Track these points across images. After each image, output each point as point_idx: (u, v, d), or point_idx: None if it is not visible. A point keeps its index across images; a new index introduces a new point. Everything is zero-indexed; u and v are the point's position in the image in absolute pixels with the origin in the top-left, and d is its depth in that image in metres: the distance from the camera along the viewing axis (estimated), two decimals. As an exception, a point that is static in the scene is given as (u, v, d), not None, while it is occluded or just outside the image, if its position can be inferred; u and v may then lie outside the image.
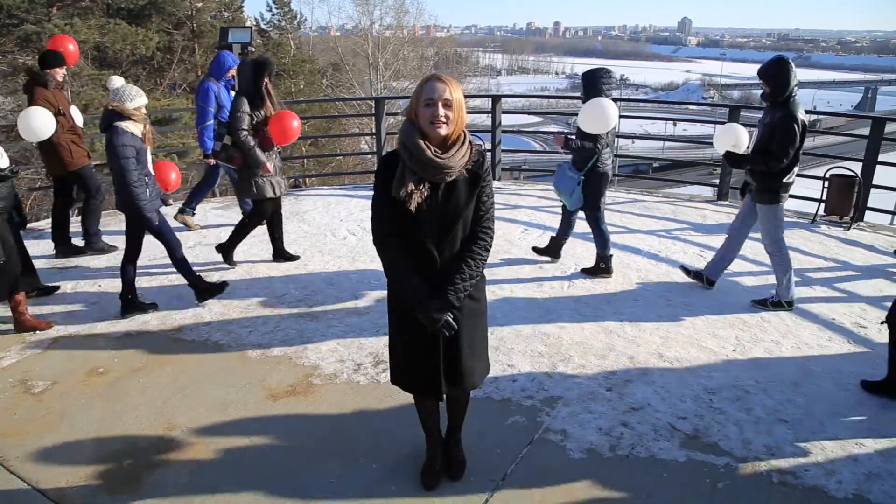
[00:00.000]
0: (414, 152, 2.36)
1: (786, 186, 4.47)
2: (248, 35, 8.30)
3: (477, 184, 2.45)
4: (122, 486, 2.91)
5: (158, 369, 3.89)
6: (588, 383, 3.70)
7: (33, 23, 15.42)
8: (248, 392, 3.64)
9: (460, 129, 2.41)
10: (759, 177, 4.49)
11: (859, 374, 3.82)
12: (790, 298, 4.64)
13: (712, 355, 4.03)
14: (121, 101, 4.35)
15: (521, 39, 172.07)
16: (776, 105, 4.34)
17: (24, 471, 3.00)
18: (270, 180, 5.20)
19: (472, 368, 2.65)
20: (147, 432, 3.28)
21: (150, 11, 18.63)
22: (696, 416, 3.39)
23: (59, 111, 5.51)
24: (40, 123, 5.25)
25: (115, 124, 4.31)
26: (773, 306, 4.66)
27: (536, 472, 2.98)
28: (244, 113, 5.05)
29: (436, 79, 2.36)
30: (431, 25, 54.82)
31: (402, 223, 2.44)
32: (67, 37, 6.47)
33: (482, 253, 2.50)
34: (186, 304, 4.77)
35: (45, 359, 4.02)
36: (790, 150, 4.30)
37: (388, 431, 3.27)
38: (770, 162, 4.35)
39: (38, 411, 3.47)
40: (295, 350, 4.09)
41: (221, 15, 21.91)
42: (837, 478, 2.94)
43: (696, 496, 2.83)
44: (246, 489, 2.88)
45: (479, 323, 2.67)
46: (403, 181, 2.38)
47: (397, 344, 2.71)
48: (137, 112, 4.37)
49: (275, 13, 29.54)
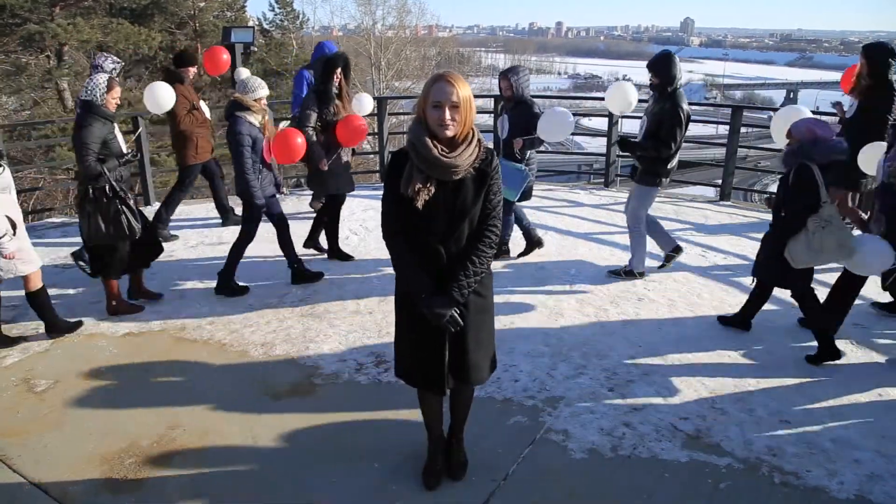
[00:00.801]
0: (422, 151, 2.36)
1: (668, 172, 4.88)
2: (250, 35, 8.32)
3: (485, 182, 2.45)
4: (124, 484, 2.91)
5: (160, 368, 3.90)
6: (590, 383, 3.70)
7: (36, 22, 15.44)
8: (250, 391, 3.64)
9: (469, 128, 2.41)
10: (647, 161, 4.85)
11: (862, 374, 3.82)
12: (642, 270, 5.19)
13: (714, 356, 4.03)
14: (243, 92, 4.65)
15: (523, 39, 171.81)
16: (664, 96, 4.67)
17: (27, 469, 3.01)
18: (331, 179, 5.28)
19: (479, 363, 2.66)
20: (149, 431, 3.28)
21: (153, 11, 18.64)
22: (697, 417, 3.39)
23: (193, 106, 6.02)
24: (163, 96, 5.76)
25: (235, 113, 4.58)
26: (626, 275, 5.18)
27: (538, 472, 2.98)
28: (310, 111, 5.15)
29: (444, 80, 2.35)
30: (434, 25, 54.81)
31: (410, 220, 2.45)
32: (223, 48, 7.06)
33: (487, 250, 2.51)
34: (188, 303, 4.78)
35: (48, 358, 4.03)
36: (678, 137, 4.69)
37: (389, 431, 3.27)
38: (661, 148, 4.70)
39: (40, 410, 3.48)
40: (297, 350, 4.09)
41: (224, 15, 21.91)
42: (839, 479, 2.93)
43: (697, 496, 2.83)
44: (247, 488, 2.89)
45: (486, 318, 2.68)
46: (411, 179, 2.39)
47: (403, 338, 2.71)
48: (257, 104, 4.63)
49: (277, 13, 29.54)
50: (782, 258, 3.83)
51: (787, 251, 3.81)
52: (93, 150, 4.25)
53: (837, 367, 3.90)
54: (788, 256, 3.82)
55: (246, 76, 5.09)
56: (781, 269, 3.87)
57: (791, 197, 3.80)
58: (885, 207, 3.88)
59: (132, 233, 4.37)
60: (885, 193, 3.89)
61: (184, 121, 6.00)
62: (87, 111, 4.29)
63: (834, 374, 3.83)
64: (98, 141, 4.27)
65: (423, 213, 2.40)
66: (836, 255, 3.77)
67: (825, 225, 3.70)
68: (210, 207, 7.20)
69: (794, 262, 3.82)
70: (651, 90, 4.81)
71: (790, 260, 3.82)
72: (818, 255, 3.74)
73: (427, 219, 2.43)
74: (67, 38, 15.60)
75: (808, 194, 3.73)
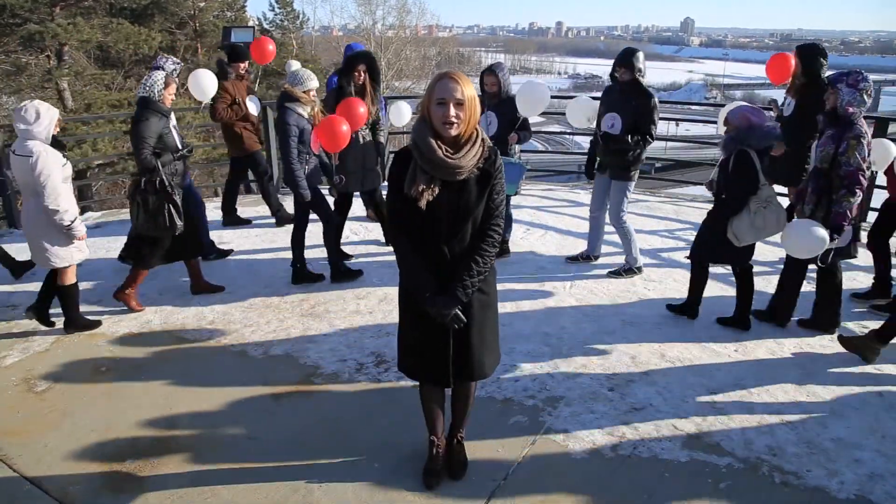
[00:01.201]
0: (426, 152, 2.36)
1: (639, 164, 5.07)
2: (250, 35, 8.31)
3: (488, 182, 2.45)
4: (124, 484, 2.91)
5: (160, 368, 3.90)
6: (590, 383, 3.70)
7: (36, 22, 15.44)
8: (250, 391, 3.64)
9: (473, 127, 2.40)
10: (620, 156, 4.96)
11: (862, 374, 3.82)
12: (639, 265, 5.29)
13: (714, 355, 4.03)
14: (293, 83, 4.77)
15: (523, 39, 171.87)
16: (637, 91, 4.83)
17: (27, 469, 3.01)
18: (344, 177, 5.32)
19: (483, 359, 2.67)
20: (149, 431, 3.28)
21: (153, 11, 18.65)
22: (698, 416, 3.39)
23: (234, 101, 6.17)
24: (206, 83, 5.98)
25: (284, 104, 4.70)
26: (626, 273, 5.24)
27: (538, 471, 2.98)
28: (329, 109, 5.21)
29: (448, 77, 2.35)
30: (434, 25, 54.88)
31: (414, 220, 2.45)
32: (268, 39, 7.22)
33: (490, 249, 2.51)
34: (188, 302, 4.78)
35: (48, 357, 4.03)
36: (655, 131, 4.92)
37: (389, 431, 3.27)
38: (646, 141, 4.88)
39: (40, 410, 3.48)
40: (297, 349, 4.09)
41: (224, 15, 21.94)
42: (840, 478, 2.93)
43: (697, 496, 2.83)
44: (247, 488, 2.88)
45: (489, 315, 2.68)
46: (415, 180, 2.39)
47: (406, 333, 2.72)
48: (306, 95, 4.74)
49: (277, 13, 29.59)
50: (723, 238, 4.11)
51: (730, 231, 4.10)
52: (149, 144, 4.44)
53: (838, 367, 3.90)
54: (732, 236, 4.10)
55: (296, 68, 5.16)
56: (721, 248, 4.19)
57: (733, 181, 4.07)
58: (816, 189, 4.08)
59: (174, 227, 4.49)
60: (816, 177, 4.10)
61: (222, 113, 6.14)
62: (144, 107, 4.49)
63: (835, 373, 3.83)
64: (154, 135, 4.46)
65: (426, 213, 2.41)
66: (776, 231, 4.11)
67: (766, 205, 4.03)
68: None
69: (739, 241, 4.11)
70: (624, 87, 4.88)
71: (734, 239, 4.10)
72: (760, 233, 4.08)
73: (431, 219, 2.43)
74: (67, 38, 15.60)
75: (748, 178, 4.01)
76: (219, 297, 4.88)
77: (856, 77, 3.93)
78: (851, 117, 3.90)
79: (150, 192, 4.42)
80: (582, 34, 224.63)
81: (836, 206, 3.93)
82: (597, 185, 5.36)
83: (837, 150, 3.91)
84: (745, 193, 4.03)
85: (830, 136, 3.99)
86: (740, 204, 4.05)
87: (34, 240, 4.11)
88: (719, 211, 4.18)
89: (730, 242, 4.11)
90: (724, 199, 4.15)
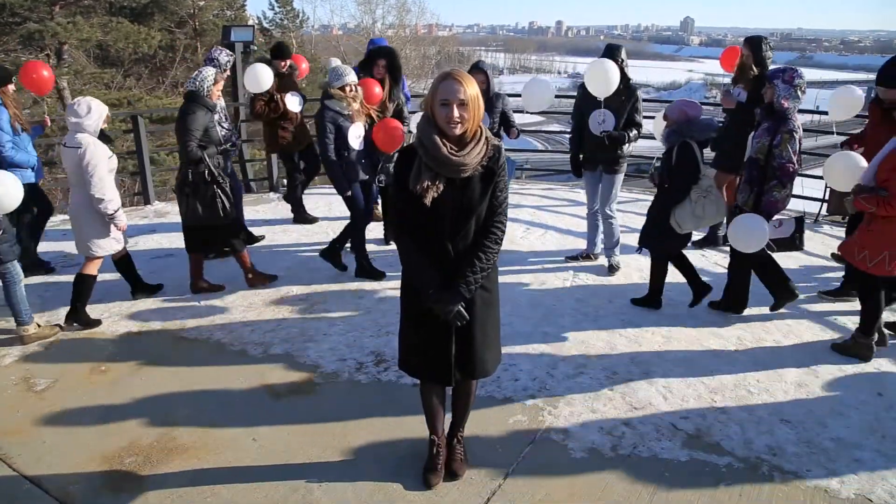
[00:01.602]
0: (431, 149, 2.37)
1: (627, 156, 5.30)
2: (250, 34, 8.32)
3: (492, 179, 2.47)
4: (124, 483, 2.91)
5: (160, 368, 3.90)
6: (590, 383, 3.70)
7: (36, 21, 15.44)
8: (250, 390, 3.64)
9: (476, 125, 2.42)
10: (613, 151, 5.10)
11: (862, 374, 3.82)
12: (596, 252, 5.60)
13: (714, 355, 4.03)
14: (330, 81, 4.88)
15: (523, 39, 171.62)
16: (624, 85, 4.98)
17: (27, 468, 3.00)
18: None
19: (484, 357, 2.67)
20: (149, 430, 3.28)
21: (153, 10, 18.65)
22: (698, 416, 3.39)
23: (272, 98, 6.21)
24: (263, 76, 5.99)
25: (323, 101, 4.85)
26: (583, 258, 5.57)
27: (538, 471, 2.98)
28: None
29: (451, 78, 2.36)
30: (433, 24, 54.78)
31: (418, 217, 2.46)
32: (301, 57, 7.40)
33: (493, 246, 2.52)
34: (188, 302, 4.78)
35: (47, 357, 4.03)
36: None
37: (389, 430, 3.27)
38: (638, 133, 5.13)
39: (40, 409, 3.47)
40: (296, 349, 4.09)
41: (224, 13, 21.92)
42: (839, 478, 2.93)
43: (697, 496, 2.83)
44: (247, 487, 2.88)
45: (492, 313, 2.69)
46: (420, 176, 2.40)
47: (408, 331, 2.72)
48: (340, 91, 4.81)
49: (277, 12, 29.56)
50: (665, 227, 4.36)
51: (673, 219, 4.33)
52: (195, 137, 4.61)
53: (838, 367, 3.90)
54: (675, 223, 4.34)
55: (335, 65, 5.19)
56: (663, 236, 4.46)
57: (675, 172, 4.30)
58: (749, 179, 4.24)
59: (226, 216, 4.69)
60: (751, 166, 4.23)
61: (259, 110, 6.23)
62: (191, 100, 4.68)
63: (835, 373, 3.83)
64: (200, 128, 4.63)
65: (431, 209, 2.42)
66: (716, 219, 4.47)
67: (706, 195, 4.27)
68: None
69: (681, 228, 4.35)
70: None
71: (677, 226, 4.34)
72: (700, 221, 4.34)
73: (435, 215, 2.44)
74: (67, 37, 15.60)
75: (690, 168, 4.26)
76: (219, 296, 4.88)
77: (791, 73, 4.08)
78: (786, 112, 4.04)
79: (200, 183, 4.62)
80: (582, 33, 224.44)
81: (767, 196, 4.10)
82: (589, 183, 5.41)
83: (772, 142, 4.07)
84: (688, 183, 4.25)
85: (766, 129, 4.14)
86: (683, 194, 4.27)
87: (79, 229, 4.32)
88: (662, 201, 4.39)
89: (670, 231, 4.35)
90: (668, 189, 4.36)
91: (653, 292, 4.71)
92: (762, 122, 4.23)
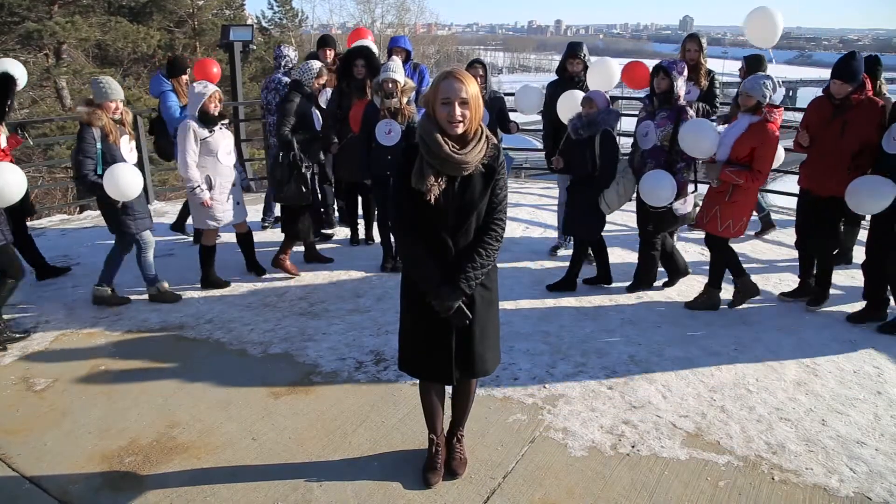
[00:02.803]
0: (433, 147, 2.38)
1: None
2: (249, 33, 8.31)
3: (492, 177, 2.49)
4: (123, 482, 2.91)
5: (159, 367, 3.90)
6: (589, 381, 3.70)
7: (34, 20, 15.42)
8: (249, 390, 3.64)
9: (477, 124, 2.44)
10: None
11: (862, 373, 3.83)
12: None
13: (713, 354, 4.03)
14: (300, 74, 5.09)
15: (522, 38, 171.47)
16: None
17: (27, 468, 3.00)
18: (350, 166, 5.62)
19: (484, 355, 2.68)
20: (148, 430, 3.28)
21: (152, 9, 18.64)
22: (697, 415, 3.39)
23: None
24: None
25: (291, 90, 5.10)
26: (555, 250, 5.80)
27: (538, 470, 2.98)
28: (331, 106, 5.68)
29: (452, 76, 2.37)
30: (433, 24, 54.85)
31: (419, 214, 2.47)
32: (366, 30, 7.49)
33: (494, 243, 2.53)
34: (187, 301, 4.78)
35: (47, 356, 4.03)
36: None
37: (389, 429, 3.27)
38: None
39: (39, 408, 3.47)
40: (296, 348, 4.09)
41: (223, 13, 21.90)
42: (839, 476, 2.93)
43: (697, 494, 2.83)
44: (247, 487, 2.88)
45: (491, 311, 2.69)
46: (422, 174, 2.41)
47: (408, 330, 2.72)
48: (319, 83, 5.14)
49: (276, 11, 29.53)
50: (591, 213, 4.75)
51: (603, 202, 4.72)
52: (289, 122, 4.93)
53: (837, 366, 3.90)
54: (605, 206, 4.73)
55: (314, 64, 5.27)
56: (589, 222, 4.82)
57: (606, 159, 4.64)
58: (657, 166, 4.59)
59: (300, 198, 4.99)
60: (657, 154, 4.61)
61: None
62: (293, 88, 5.04)
63: (834, 371, 3.83)
64: (294, 115, 4.94)
65: (432, 206, 2.43)
66: (631, 196, 4.81)
67: (624, 175, 4.72)
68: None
69: (609, 209, 4.77)
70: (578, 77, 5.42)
71: (606, 208, 4.74)
72: (622, 199, 4.76)
73: (436, 213, 2.45)
74: (66, 37, 15.59)
75: (616, 155, 4.67)
76: (218, 295, 4.87)
77: (682, 66, 4.57)
78: (684, 100, 4.52)
79: (287, 166, 4.93)
80: (581, 32, 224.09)
81: (679, 177, 4.53)
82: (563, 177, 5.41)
83: (676, 128, 4.45)
84: (615, 169, 4.66)
85: (667, 117, 4.53)
86: (612, 178, 4.67)
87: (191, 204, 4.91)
88: (591, 187, 4.70)
89: (596, 216, 4.77)
90: (598, 176, 4.67)
91: (601, 273, 5.06)
92: (658, 111, 4.58)
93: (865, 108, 4.22)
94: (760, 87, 4.17)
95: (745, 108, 4.28)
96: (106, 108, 4.39)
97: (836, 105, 4.30)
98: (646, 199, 4.55)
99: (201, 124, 4.61)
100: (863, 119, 4.20)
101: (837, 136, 4.27)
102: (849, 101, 4.23)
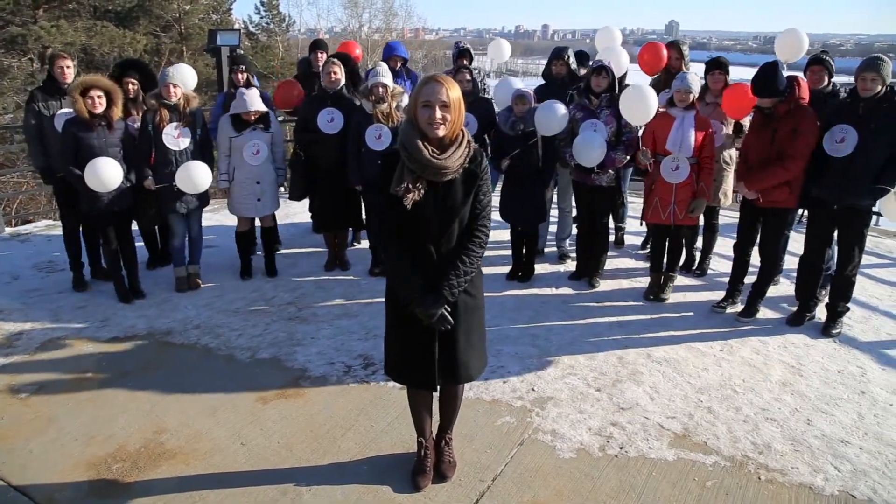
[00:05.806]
0: (413, 153, 2.38)
1: None
2: (236, 38, 8.29)
3: (474, 182, 2.48)
4: (110, 490, 2.89)
5: (147, 373, 3.87)
6: (578, 384, 3.72)
7: (19, 25, 15.30)
8: (237, 395, 3.62)
9: (458, 128, 2.44)
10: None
11: (846, 374, 3.87)
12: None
13: (700, 355, 4.06)
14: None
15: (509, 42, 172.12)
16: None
17: (12, 475, 2.97)
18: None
19: (468, 362, 2.67)
20: (136, 436, 3.26)
21: (138, 14, 18.56)
22: (684, 416, 3.42)
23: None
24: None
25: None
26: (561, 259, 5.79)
27: (527, 472, 2.99)
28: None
29: (434, 80, 2.38)
30: (420, 28, 54.95)
31: (402, 220, 2.47)
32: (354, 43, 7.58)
33: (477, 250, 2.53)
34: (175, 307, 4.75)
35: (32, 363, 3.99)
36: None
37: (378, 433, 3.26)
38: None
39: (24, 415, 3.44)
40: (284, 353, 4.08)
41: (210, 18, 21.85)
42: (824, 475, 2.97)
43: (685, 495, 2.85)
44: (235, 492, 2.87)
45: (476, 317, 2.69)
46: (401, 180, 2.41)
47: (393, 336, 2.72)
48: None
49: (263, 16, 29.49)
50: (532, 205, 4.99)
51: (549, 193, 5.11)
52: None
53: (822, 366, 3.95)
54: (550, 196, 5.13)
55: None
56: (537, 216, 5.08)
57: (550, 156, 4.96)
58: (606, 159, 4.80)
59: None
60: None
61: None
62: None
63: (819, 372, 3.87)
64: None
65: (413, 213, 2.42)
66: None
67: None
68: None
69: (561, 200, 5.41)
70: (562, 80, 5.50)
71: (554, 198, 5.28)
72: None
73: (418, 219, 2.45)
74: (51, 41, 15.47)
75: (554, 150, 4.95)
76: (205, 300, 4.85)
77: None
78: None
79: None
80: (568, 37, 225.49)
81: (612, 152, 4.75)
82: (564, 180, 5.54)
83: (620, 123, 4.79)
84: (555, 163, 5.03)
85: (613, 114, 4.81)
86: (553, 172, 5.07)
87: None
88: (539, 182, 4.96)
89: (536, 209, 5.01)
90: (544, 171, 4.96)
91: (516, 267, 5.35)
92: (601, 108, 4.82)
93: (794, 116, 4.18)
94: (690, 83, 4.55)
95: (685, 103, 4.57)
96: (164, 91, 4.68)
97: (766, 115, 4.28)
98: (578, 159, 4.73)
99: (233, 125, 4.91)
100: (789, 127, 4.16)
101: (768, 144, 4.26)
102: (776, 111, 4.21)
